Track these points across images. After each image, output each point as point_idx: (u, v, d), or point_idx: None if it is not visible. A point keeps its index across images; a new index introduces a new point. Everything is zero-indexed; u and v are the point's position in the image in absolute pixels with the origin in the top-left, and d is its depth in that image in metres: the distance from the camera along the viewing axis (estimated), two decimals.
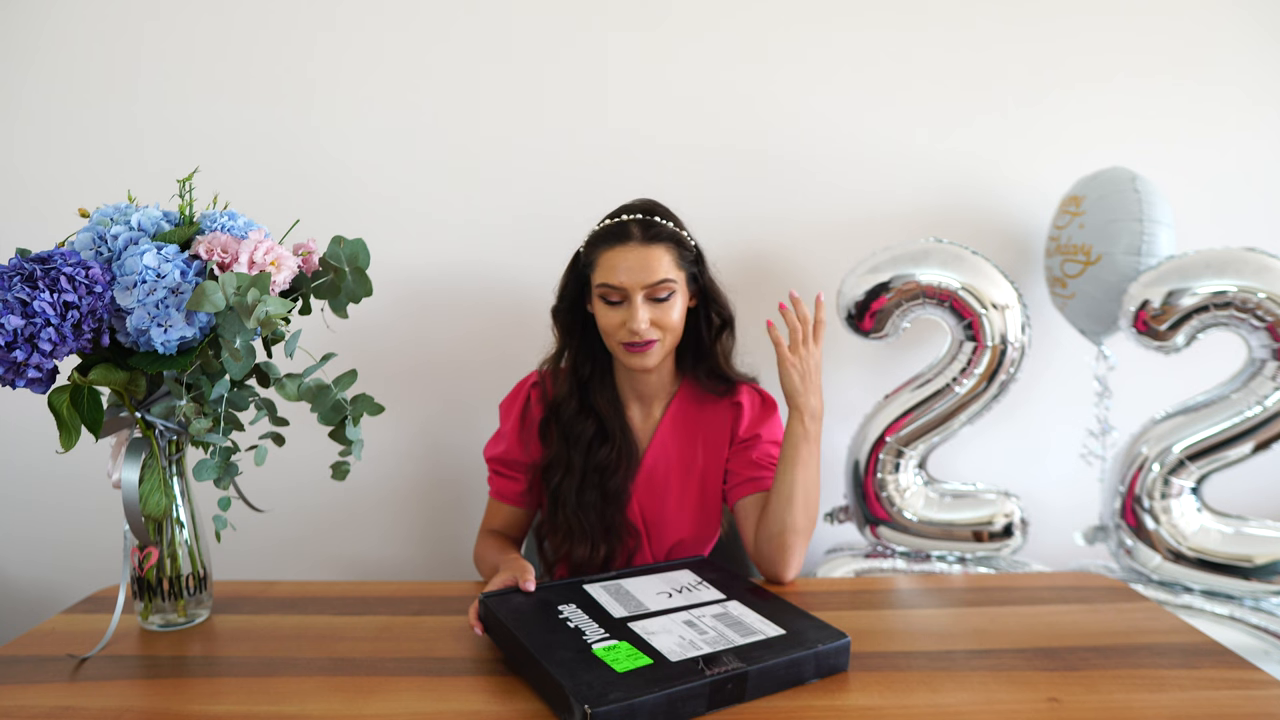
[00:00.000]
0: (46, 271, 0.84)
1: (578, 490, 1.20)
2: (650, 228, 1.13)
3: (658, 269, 1.11)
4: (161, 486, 0.97)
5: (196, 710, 0.83)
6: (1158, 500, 1.42)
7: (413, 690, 0.86)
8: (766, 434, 1.24)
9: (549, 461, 1.22)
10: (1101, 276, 1.44)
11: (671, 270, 1.13)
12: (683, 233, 1.17)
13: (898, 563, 1.54)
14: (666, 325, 1.14)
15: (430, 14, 1.56)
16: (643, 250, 1.12)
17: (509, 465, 1.26)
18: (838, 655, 0.88)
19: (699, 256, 1.20)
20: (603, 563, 1.21)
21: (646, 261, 1.11)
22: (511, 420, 1.26)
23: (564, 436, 1.21)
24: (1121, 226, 1.42)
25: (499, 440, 1.28)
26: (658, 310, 1.13)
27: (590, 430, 1.21)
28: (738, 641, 0.87)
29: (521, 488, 1.26)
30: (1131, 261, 1.42)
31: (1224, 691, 0.84)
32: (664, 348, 1.16)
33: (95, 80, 1.56)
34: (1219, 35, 1.59)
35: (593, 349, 1.24)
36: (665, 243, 1.13)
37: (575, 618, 0.93)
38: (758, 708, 0.82)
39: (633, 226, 1.14)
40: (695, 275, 1.19)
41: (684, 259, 1.16)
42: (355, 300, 0.97)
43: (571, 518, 1.19)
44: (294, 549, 1.68)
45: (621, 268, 1.11)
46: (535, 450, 1.24)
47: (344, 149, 1.59)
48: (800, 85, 1.60)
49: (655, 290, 1.12)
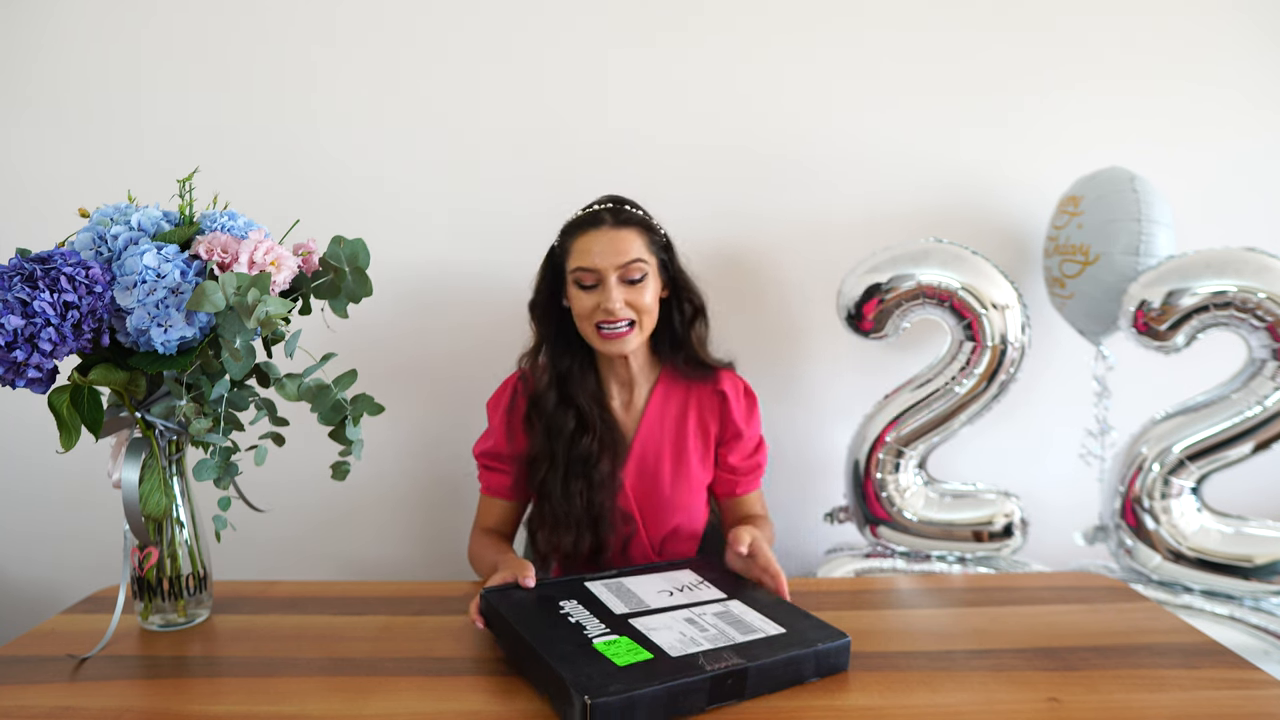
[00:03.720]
0: (46, 271, 0.84)
1: (563, 481, 1.21)
2: (620, 213, 1.19)
3: (629, 249, 1.16)
4: (161, 486, 0.97)
5: (196, 710, 0.83)
6: (1158, 500, 1.42)
7: (413, 690, 0.86)
8: (749, 434, 1.29)
9: (533, 455, 1.24)
10: (1100, 277, 1.44)
11: (643, 251, 1.17)
12: (652, 220, 1.22)
13: (898, 563, 1.54)
14: (640, 307, 1.17)
15: (431, 15, 1.56)
16: (614, 233, 1.16)
17: (497, 458, 1.27)
18: (838, 655, 0.88)
19: (668, 244, 1.24)
20: (592, 552, 1.22)
21: (618, 243, 1.16)
22: (498, 415, 1.27)
23: (545, 429, 1.23)
24: (1120, 226, 1.42)
25: (487, 436, 1.29)
26: (631, 292, 1.16)
27: (571, 422, 1.22)
28: (738, 639, 0.87)
29: (510, 480, 1.27)
30: (1130, 261, 1.42)
31: (1224, 691, 0.84)
32: (639, 333, 1.19)
33: (95, 80, 1.56)
34: (1219, 37, 1.60)
35: (570, 342, 1.25)
36: (636, 226, 1.18)
37: (576, 613, 0.94)
38: (758, 707, 0.82)
39: (604, 213, 1.19)
40: (665, 263, 1.23)
41: (654, 244, 1.20)
42: (355, 300, 0.97)
43: (558, 508, 1.20)
44: (294, 549, 1.68)
45: (595, 250, 1.15)
46: (521, 443, 1.26)
47: (344, 149, 1.59)
48: (801, 86, 1.60)
49: (628, 270, 1.15)
